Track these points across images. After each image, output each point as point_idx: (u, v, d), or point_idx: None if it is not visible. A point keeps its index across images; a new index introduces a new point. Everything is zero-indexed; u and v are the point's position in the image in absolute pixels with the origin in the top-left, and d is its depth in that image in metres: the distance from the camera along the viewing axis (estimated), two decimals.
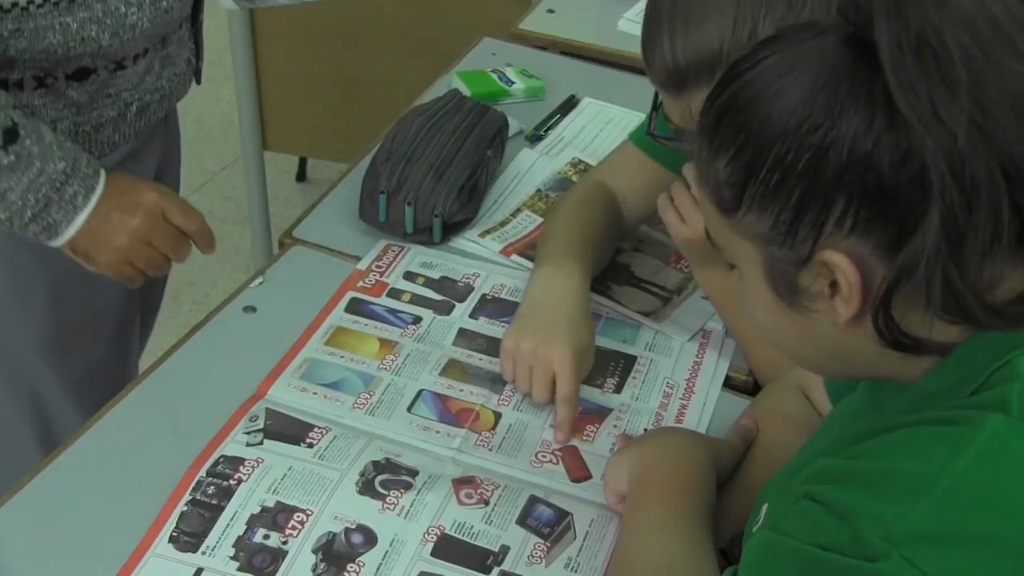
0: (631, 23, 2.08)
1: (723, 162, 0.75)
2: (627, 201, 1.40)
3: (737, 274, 0.83)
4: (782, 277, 0.76)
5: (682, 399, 1.24)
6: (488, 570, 1.01)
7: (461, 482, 1.09)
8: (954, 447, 0.68)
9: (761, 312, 0.81)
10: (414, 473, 1.10)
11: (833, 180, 0.70)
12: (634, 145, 1.40)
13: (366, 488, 1.07)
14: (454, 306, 1.35)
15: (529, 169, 1.63)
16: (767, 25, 1.03)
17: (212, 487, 1.06)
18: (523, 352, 1.19)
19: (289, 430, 1.13)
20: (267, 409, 1.16)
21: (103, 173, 1.23)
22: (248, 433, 1.12)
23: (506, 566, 1.02)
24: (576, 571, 1.02)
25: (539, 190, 1.58)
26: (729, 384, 1.28)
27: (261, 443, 1.11)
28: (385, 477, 1.08)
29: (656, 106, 1.19)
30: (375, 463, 1.10)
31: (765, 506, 0.89)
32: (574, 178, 1.60)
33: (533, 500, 1.08)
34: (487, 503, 1.07)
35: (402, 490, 1.07)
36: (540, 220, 1.49)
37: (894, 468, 0.70)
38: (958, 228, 0.67)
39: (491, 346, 1.28)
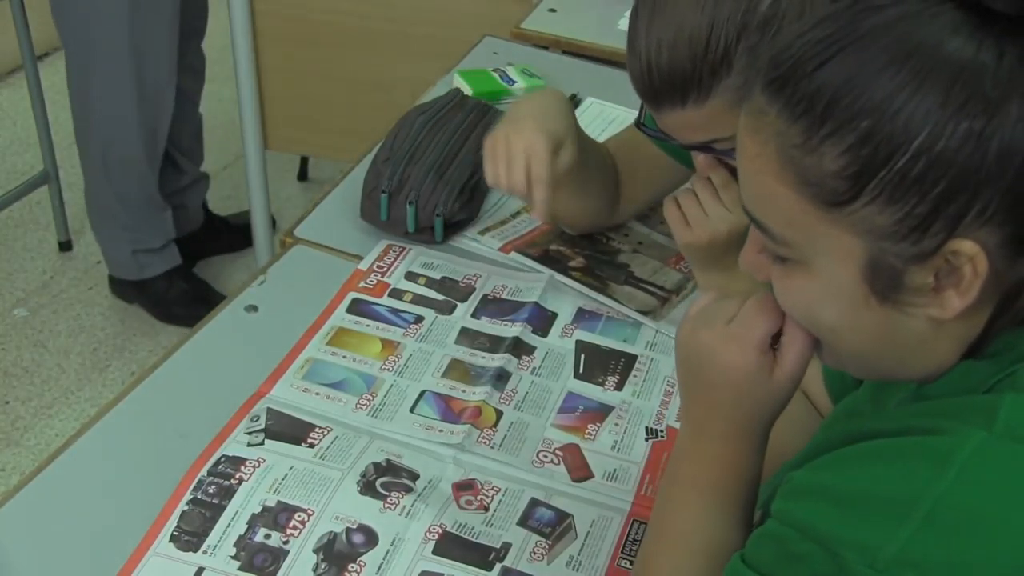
0: None
1: (835, 151, 0.67)
2: (624, 182, 1.44)
3: (777, 272, 0.75)
4: (887, 273, 0.69)
5: None
6: (490, 566, 1.01)
7: (461, 488, 1.09)
8: (934, 466, 0.64)
9: (836, 309, 0.72)
10: (415, 476, 1.10)
11: (986, 171, 0.64)
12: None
13: (367, 488, 1.07)
14: (456, 306, 1.34)
15: None
16: (740, 49, 1.02)
17: (213, 486, 1.06)
18: (498, 142, 1.24)
19: (290, 430, 1.13)
20: (268, 409, 1.16)
21: None
22: (249, 433, 1.12)
23: (508, 562, 1.02)
24: (578, 569, 1.02)
25: None
26: None
27: (262, 443, 1.11)
28: (386, 479, 1.08)
29: None
30: (376, 465, 1.10)
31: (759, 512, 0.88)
32: None
33: (534, 503, 1.08)
34: (487, 509, 1.07)
35: (403, 492, 1.07)
36: (539, 222, 1.49)
37: (873, 487, 0.66)
38: None
39: (494, 344, 1.28)
